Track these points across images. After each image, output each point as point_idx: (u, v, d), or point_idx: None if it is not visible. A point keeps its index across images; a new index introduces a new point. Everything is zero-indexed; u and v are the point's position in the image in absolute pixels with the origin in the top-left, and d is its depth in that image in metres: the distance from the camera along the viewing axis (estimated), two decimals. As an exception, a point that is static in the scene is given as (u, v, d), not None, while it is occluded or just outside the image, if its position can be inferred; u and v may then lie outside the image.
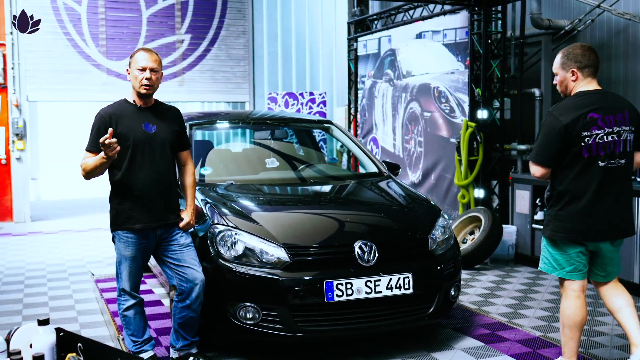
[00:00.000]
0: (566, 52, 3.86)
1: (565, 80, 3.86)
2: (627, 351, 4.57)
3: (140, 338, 4.13)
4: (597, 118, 3.72)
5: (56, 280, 6.89)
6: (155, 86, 4.10)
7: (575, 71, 3.81)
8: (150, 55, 4.08)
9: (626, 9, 7.37)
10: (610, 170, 3.76)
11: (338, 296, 4.11)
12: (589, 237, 3.80)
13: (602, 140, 3.72)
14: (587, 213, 3.76)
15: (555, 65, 3.91)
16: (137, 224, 4.03)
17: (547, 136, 3.78)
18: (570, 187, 3.78)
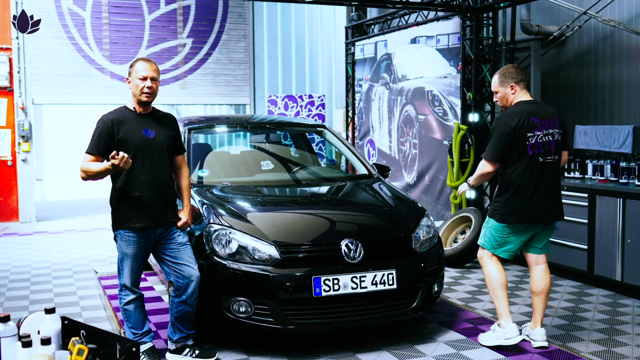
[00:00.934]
0: (502, 72, 4.68)
1: (505, 95, 4.67)
2: (605, 344, 4.81)
3: (139, 330, 4.39)
4: (537, 122, 4.52)
5: (61, 278, 7.16)
6: (155, 93, 4.37)
7: (514, 85, 4.63)
8: (150, 65, 4.36)
9: (612, 16, 7.61)
10: (547, 164, 4.56)
11: (325, 291, 4.37)
12: (532, 220, 4.58)
13: (542, 140, 4.53)
14: (531, 200, 4.53)
15: (495, 85, 4.71)
16: (137, 223, 4.29)
17: (498, 138, 4.51)
18: (517, 179, 4.52)
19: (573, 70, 8.39)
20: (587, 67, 8.17)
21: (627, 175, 6.30)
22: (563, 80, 8.55)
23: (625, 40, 7.61)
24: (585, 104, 8.24)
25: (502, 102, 4.71)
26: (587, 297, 6.08)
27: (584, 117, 8.20)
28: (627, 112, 7.61)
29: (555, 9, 8.56)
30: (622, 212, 6.04)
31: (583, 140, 7.33)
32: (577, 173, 6.93)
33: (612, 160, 6.58)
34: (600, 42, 7.96)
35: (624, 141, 6.89)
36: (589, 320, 5.38)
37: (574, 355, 4.54)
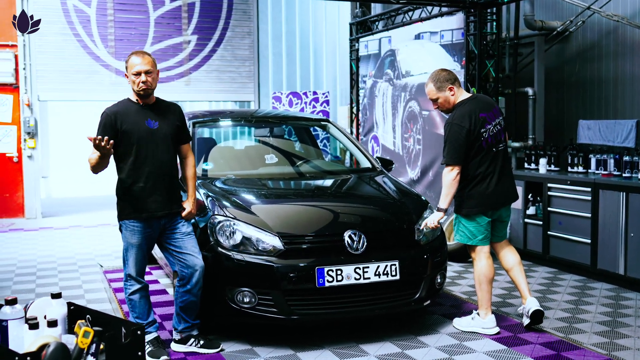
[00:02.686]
0: (436, 78, 4.82)
1: (446, 99, 4.83)
2: (607, 337, 4.83)
3: (144, 320, 4.43)
4: (485, 116, 4.76)
5: (66, 272, 7.21)
6: (153, 86, 4.39)
7: (452, 87, 4.81)
8: (142, 58, 4.36)
9: (615, 11, 7.61)
10: (500, 152, 4.84)
11: (329, 282, 4.40)
12: (496, 206, 4.85)
13: (493, 132, 4.79)
14: (492, 188, 4.78)
15: (433, 93, 4.83)
16: (143, 213, 4.34)
17: (455, 142, 4.70)
18: (477, 171, 4.76)
19: (577, 65, 8.39)
20: (590, 62, 8.18)
21: (630, 169, 6.31)
22: (567, 75, 8.56)
23: (629, 35, 7.62)
24: (589, 98, 8.24)
25: (443, 106, 4.86)
26: (590, 291, 6.09)
27: (588, 112, 8.21)
28: (631, 107, 7.62)
29: (559, 4, 8.57)
30: (625, 206, 6.06)
31: (586, 134, 7.34)
32: (580, 167, 6.95)
33: (615, 154, 6.59)
34: (604, 37, 7.97)
35: (627, 135, 6.90)
36: (592, 313, 5.40)
37: (576, 346, 4.56)
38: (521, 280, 4.98)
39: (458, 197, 4.88)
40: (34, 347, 2.32)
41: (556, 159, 7.28)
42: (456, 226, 4.97)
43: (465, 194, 4.83)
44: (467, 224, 4.87)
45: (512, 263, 5.01)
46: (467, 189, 4.81)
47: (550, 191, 6.93)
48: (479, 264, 4.90)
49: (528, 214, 7.55)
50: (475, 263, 4.94)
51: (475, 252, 4.93)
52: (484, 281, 4.88)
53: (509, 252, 5.05)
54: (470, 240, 4.89)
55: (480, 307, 4.92)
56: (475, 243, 4.89)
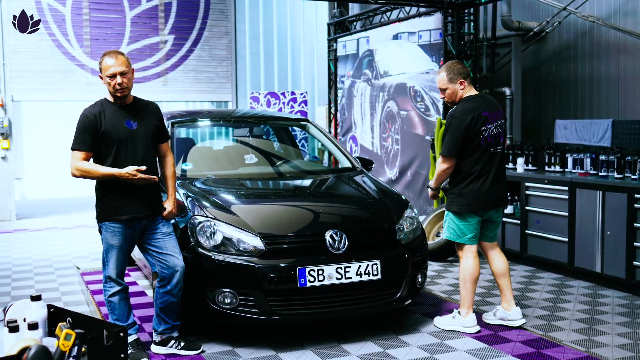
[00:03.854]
0: (450, 69, 4.82)
1: (455, 91, 4.82)
2: (585, 334, 4.88)
3: (124, 322, 4.38)
4: (487, 116, 4.75)
5: (43, 274, 7.11)
6: (129, 87, 4.33)
7: (463, 81, 4.80)
8: (116, 59, 4.27)
9: (591, 12, 7.71)
10: (497, 154, 4.84)
11: (310, 282, 4.39)
12: (487, 207, 4.85)
13: (493, 133, 4.78)
14: (485, 189, 4.78)
15: (443, 82, 4.83)
16: (124, 215, 4.28)
17: (454, 134, 4.71)
18: (472, 170, 4.77)
19: (553, 65, 8.48)
20: (566, 62, 8.28)
21: (607, 168, 6.38)
22: (543, 76, 8.65)
23: (604, 36, 7.72)
24: (565, 98, 8.34)
25: (450, 98, 4.85)
26: (567, 289, 6.15)
27: (564, 112, 8.30)
28: (606, 107, 7.72)
29: (536, 5, 8.65)
30: (601, 204, 6.13)
31: (563, 134, 7.42)
32: (557, 167, 7.01)
33: (591, 153, 6.67)
34: (580, 37, 8.06)
35: (603, 135, 6.98)
36: (570, 311, 5.45)
37: (556, 344, 4.60)
38: (510, 288, 5.01)
39: (450, 194, 4.89)
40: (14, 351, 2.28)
41: (533, 158, 7.34)
42: (446, 223, 4.95)
43: (457, 191, 4.82)
44: (457, 221, 4.87)
45: (503, 269, 5.00)
46: (461, 186, 4.81)
47: (528, 190, 6.99)
48: (466, 262, 4.90)
49: (506, 212, 7.61)
50: (462, 261, 4.94)
51: (462, 250, 4.93)
52: (469, 280, 4.89)
53: (498, 256, 5.03)
54: (460, 238, 4.89)
55: (462, 306, 4.92)
56: (464, 241, 4.88)
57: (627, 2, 7.41)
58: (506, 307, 5.00)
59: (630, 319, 5.20)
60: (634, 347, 4.58)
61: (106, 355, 2.46)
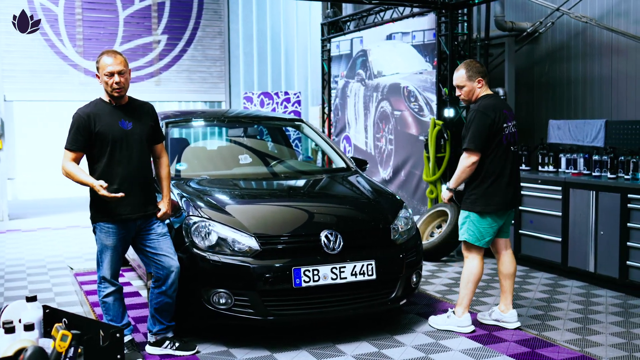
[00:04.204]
0: (469, 67, 4.79)
1: (472, 89, 4.79)
2: (579, 333, 4.89)
3: (119, 323, 4.36)
4: (506, 114, 4.75)
5: (36, 275, 7.08)
6: (125, 86, 4.32)
7: (481, 80, 4.78)
8: (115, 58, 4.26)
9: (584, 13, 7.74)
10: (516, 153, 4.86)
11: (305, 282, 4.39)
12: (510, 206, 4.82)
13: (511, 131, 4.78)
14: (507, 187, 4.74)
15: (462, 79, 4.79)
16: (117, 215, 4.27)
17: (479, 128, 4.65)
18: (495, 168, 4.71)
19: (546, 66, 8.51)
20: (559, 63, 8.30)
21: (600, 168, 6.41)
22: (536, 76, 8.68)
23: (597, 37, 7.75)
24: (558, 99, 8.36)
25: (467, 95, 4.82)
26: (561, 288, 6.17)
27: (557, 112, 8.32)
28: (599, 107, 7.75)
29: (529, 6, 8.68)
30: (595, 204, 6.15)
31: (556, 134, 7.44)
32: (550, 167, 7.03)
33: (585, 153, 6.69)
34: (573, 38, 8.09)
35: (596, 135, 7.01)
36: (564, 310, 5.47)
37: (550, 343, 4.62)
38: (511, 291, 5.00)
39: (472, 194, 4.77)
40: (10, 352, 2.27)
41: (527, 158, 7.36)
42: (465, 224, 4.83)
43: (481, 191, 4.73)
44: (479, 223, 4.77)
45: (512, 270, 4.96)
46: (485, 186, 4.72)
47: (522, 190, 7.00)
48: (472, 262, 4.85)
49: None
50: (469, 261, 4.87)
51: (471, 251, 4.86)
52: (472, 280, 4.85)
53: (509, 258, 4.98)
54: (479, 241, 4.79)
55: (458, 305, 4.91)
56: (482, 245, 4.81)
57: (620, 3, 7.44)
58: (503, 310, 4.99)
59: (623, 319, 5.22)
60: (627, 346, 4.60)
61: (102, 356, 2.46)
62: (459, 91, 4.84)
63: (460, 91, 4.83)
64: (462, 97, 4.85)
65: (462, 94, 4.83)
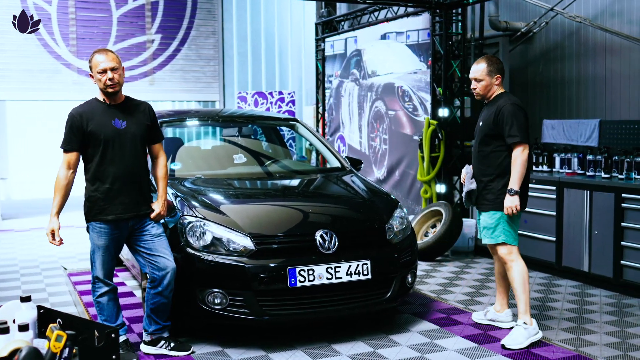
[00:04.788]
0: (491, 62, 4.72)
1: (490, 85, 4.71)
2: (574, 332, 4.90)
3: (113, 323, 4.34)
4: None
5: (29, 275, 7.05)
6: (120, 83, 4.30)
7: (499, 77, 4.71)
8: (106, 55, 4.26)
9: (578, 12, 7.76)
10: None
11: (301, 282, 4.38)
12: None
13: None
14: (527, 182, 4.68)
15: (482, 73, 4.70)
16: (109, 215, 4.25)
17: (520, 120, 4.55)
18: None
19: (540, 65, 8.53)
20: (553, 63, 8.32)
21: (594, 168, 6.42)
22: (531, 76, 8.69)
23: (591, 36, 7.77)
24: (552, 98, 8.38)
25: (483, 90, 4.72)
26: (555, 288, 6.18)
27: (551, 112, 8.34)
28: (593, 107, 7.77)
29: (523, 6, 8.69)
30: (589, 204, 6.16)
31: (550, 134, 7.46)
32: (545, 166, 7.05)
33: (579, 153, 6.70)
34: (567, 38, 8.11)
35: (590, 135, 7.03)
36: (558, 310, 5.48)
37: (545, 343, 4.62)
38: (507, 292, 4.99)
39: (501, 193, 4.61)
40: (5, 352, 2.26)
41: (521, 158, 7.36)
42: (499, 226, 4.66)
43: (500, 187, 4.64)
44: (513, 223, 4.66)
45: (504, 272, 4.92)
46: (504, 180, 4.63)
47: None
48: (520, 264, 4.67)
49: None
50: (516, 264, 4.67)
51: (513, 253, 4.68)
52: (527, 281, 4.66)
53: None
54: (515, 240, 4.68)
55: (525, 312, 4.61)
56: (517, 243, 4.72)
57: (614, 3, 7.46)
58: (498, 310, 5.00)
59: (618, 318, 5.23)
60: (622, 345, 4.61)
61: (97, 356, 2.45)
62: (475, 84, 4.72)
63: (476, 85, 4.72)
64: (477, 91, 4.73)
65: (478, 89, 4.72)
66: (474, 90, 4.76)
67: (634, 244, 5.76)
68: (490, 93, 4.72)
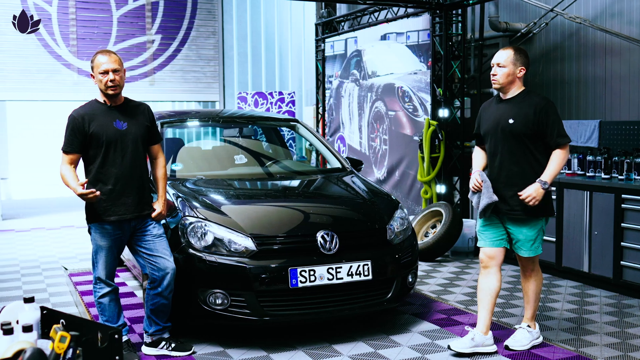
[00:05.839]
0: (518, 51, 4.32)
1: (514, 73, 4.29)
2: (574, 333, 4.91)
3: (114, 324, 4.36)
4: None
5: (30, 275, 7.05)
6: (121, 85, 4.31)
7: (524, 69, 4.31)
8: (109, 57, 4.28)
9: (578, 13, 7.76)
10: None
11: (302, 282, 4.40)
12: None
13: None
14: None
15: (508, 59, 4.28)
16: (111, 216, 4.26)
17: (560, 119, 4.30)
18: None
19: (540, 66, 8.54)
20: (553, 64, 8.33)
21: (594, 168, 6.43)
22: (530, 76, 8.70)
23: (591, 37, 7.78)
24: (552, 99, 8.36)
25: (504, 79, 4.27)
26: (555, 288, 6.20)
27: (551, 113, 8.34)
28: (593, 107, 7.78)
29: (523, 6, 8.70)
30: (589, 204, 6.17)
31: (551, 134, 7.45)
32: (545, 167, 7.04)
33: (578, 154, 6.71)
34: (567, 39, 8.12)
35: (590, 135, 7.04)
36: (558, 310, 5.49)
37: (545, 343, 4.63)
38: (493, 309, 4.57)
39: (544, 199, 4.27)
40: (9, 353, 2.26)
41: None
42: (539, 237, 4.37)
43: (548, 193, 4.35)
44: (544, 228, 4.42)
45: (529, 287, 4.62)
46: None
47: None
48: (540, 272, 4.51)
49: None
50: (537, 273, 4.49)
51: (536, 262, 4.47)
52: (541, 290, 4.58)
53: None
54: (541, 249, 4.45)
55: (532, 318, 4.56)
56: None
57: (614, 4, 7.47)
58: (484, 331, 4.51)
59: (618, 319, 5.25)
60: (622, 346, 4.62)
61: (101, 357, 2.45)
62: (496, 70, 4.29)
63: (497, 71, 4.29)
64: (496, 78, 4.29)
65: (499, 75, 4.28)
66: (493, 77, 4.31)
67: (634, 245, 5.78)
68: (511, 85, 4.31)
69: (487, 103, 4.62)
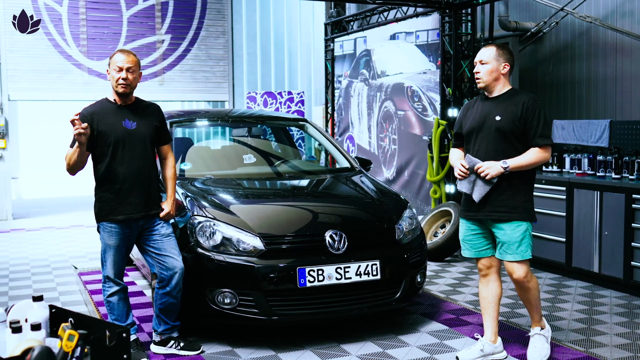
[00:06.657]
0: (501, 48, 4.20)
1: (496, 70, 4.14)
2: (584, 334, 4.89)
3: (123, 322, 4.37)
4: None
5: (40, 274, 7.09)
6: (133, 85, 4.33)
7: (507, 65, 4.15)
8: (127, 56, 4.30)
9: (588, 12, 7.73)
10: None
11: (310, 282, 4.39)
12: None
13: None
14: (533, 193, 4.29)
15: (488, 56, 4.15)
16: (120, 215, 4.28)
17: (547, 119, 4.18)
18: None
19: (550, 65, 8.50)
20: (564, 63, 8.29)
21: (604, 168, 6.40)
22: (540, 76, 8.67)
23: (601, 37, 7.74)
24: (562, 99, 8.35)
25: (487, 75, 4.16)
26: (565, 289, 6.17)
27: (561, 112, 8.31)
28: (603, 107, 7.74)
29: (533, 6, 8.67)
30: (599, 204, 6.14)
31: (560, 134, 7.43)
32: (555, 167, 7.03)
33: (589, 154, 6.68)
34: (577, 38, 8.08)
35: (601, 135, 7.00)
36: (568, 311, 5.46)
37: (555, 344, 4.61)
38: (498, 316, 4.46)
39: (527, 201, 4.17)
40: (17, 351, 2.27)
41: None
42: (524, 239, 4.15)
43: (531, 197, 4.24)
44: (530, 231, 4.21)
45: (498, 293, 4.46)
46: (532, 190, 4.25)
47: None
48: (535, 279, 4.28)
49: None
50: (532, 277, 4.25)
51: (528, 265, 4.23)
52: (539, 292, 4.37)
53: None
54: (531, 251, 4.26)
55: (540, 321, 4.39)
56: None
57: (625, 3, 7.43)
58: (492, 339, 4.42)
59: (628, 319, 5.22)
60: (632, 347, 4.59)
61: (109, 356, 2.46)
62: (479, 68, 4.18)
63: (480, 68, 4.18)
64: (480, 75, 4.18)
65: (482, 72, 4.17)
66: (477, 75, 4.20)
67: (645, 245, 5.74)
68: (496, 82, 4.18)
69: (471, 102, 4.44)
